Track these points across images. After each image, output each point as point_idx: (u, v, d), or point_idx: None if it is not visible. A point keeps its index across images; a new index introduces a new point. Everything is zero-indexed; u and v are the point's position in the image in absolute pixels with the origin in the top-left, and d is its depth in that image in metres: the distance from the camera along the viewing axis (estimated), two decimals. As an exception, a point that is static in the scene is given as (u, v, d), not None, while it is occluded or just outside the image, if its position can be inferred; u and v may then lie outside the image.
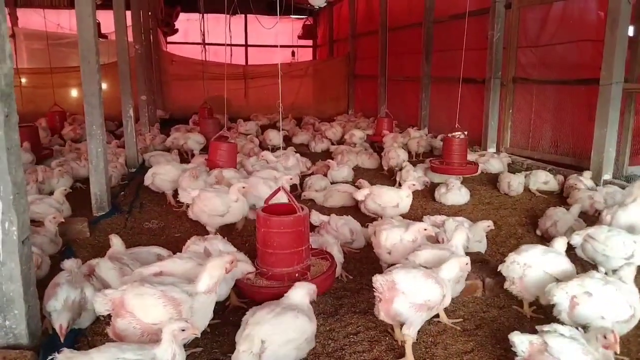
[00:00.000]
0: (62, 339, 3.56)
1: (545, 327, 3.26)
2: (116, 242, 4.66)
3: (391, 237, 4.70)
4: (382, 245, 4.73)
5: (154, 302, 3.26)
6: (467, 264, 3.88)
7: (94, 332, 3.91)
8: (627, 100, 8.04)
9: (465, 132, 8.95)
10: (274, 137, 11.86)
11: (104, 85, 16.60)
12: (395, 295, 3.53)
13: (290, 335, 3.19)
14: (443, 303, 3.67)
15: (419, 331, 3.95)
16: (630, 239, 4.61)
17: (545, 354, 3.04)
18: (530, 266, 4.11)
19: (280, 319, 3.22)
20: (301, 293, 3.48)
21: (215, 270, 3.43)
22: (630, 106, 8.13)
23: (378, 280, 3.58)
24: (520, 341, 3.14)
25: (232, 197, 5.74)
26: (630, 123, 8.20)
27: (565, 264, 4.17)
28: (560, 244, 4.44)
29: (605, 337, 3.08)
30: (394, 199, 6.35)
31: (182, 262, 3.73)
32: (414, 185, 6.48)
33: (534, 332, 3.22)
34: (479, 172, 8.84)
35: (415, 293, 3.53)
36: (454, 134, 8.95)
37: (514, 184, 8.01)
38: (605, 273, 4.56)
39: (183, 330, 2.99)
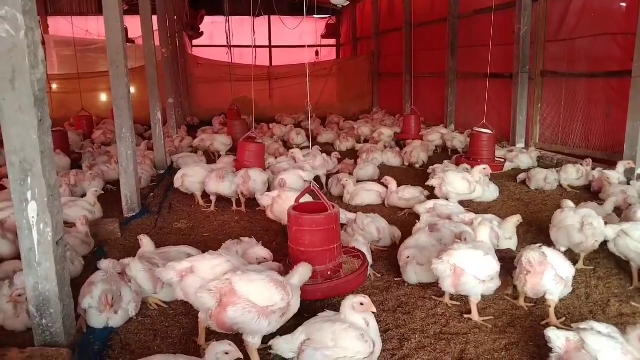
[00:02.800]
0: (108, 308, 3.84)
1: (582, 325, 3.18)
2: (146, 242, 4.74)
3: None
4: None
5: (266, 285, 3.47)
6: None
7: (127, 331, 3.97)
8: (661, 92, 7.79)
9: (491, 129, 8.82)
10: (296, 137, 11.90)
11: (132, 90, 17.00)
12: (546, 269, 3.90)
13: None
14: None
15: (450, 330, 3.94)
16: None
17: (582, 352, 2.97)
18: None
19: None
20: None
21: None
22: (665, 98, 7.87)
23: (529, 254, 3.96)
24: (557, 337, 3.07)
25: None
26: (664, 115, 7.95)
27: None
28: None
29: None
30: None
31: (212, 257, 3.77)
32: (485, 169, 6.79)
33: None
34: (506, 169, 8.72)
35: (563, 267, 3.96)
36: (479, 129, 8.84)
37: (551, 179, 7.89)
38: None
39: (227, 353, 3.01)
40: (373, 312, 3.39)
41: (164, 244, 5.27)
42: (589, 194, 7.62)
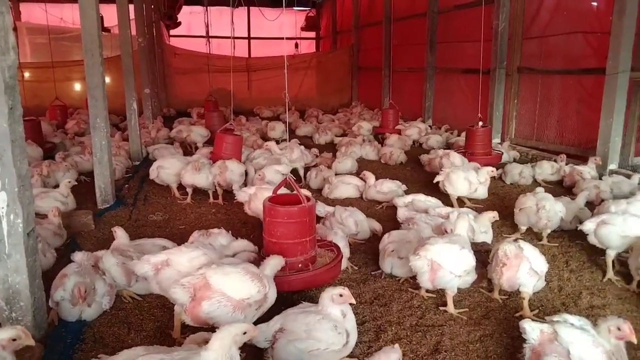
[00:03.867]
0: (81, 301, 3.77)
1: (555, 317, 3.25)
2: (120, 234, 4.66)
3: None
4: None
5: (242, 278, 3.46)
6: None
7: (100, 324, 3.91)
8: (634, 90, 7.96)
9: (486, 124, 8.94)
10: (276, 129, 11.84)
11: (107, 79, 16.65)
12: (521, 262, 3.97)
13: None
14: None
15: (426, 322, 3.97)
16: None
17: (555, 343, 3.03)
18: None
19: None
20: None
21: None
22: (637, 95, 8.04)
23: (505, 247, 4.02)
24: (532, 329, 3.13)
25: None
26: (636, 112, 8.12)
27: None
28: None
29: (619, 329, 3.04)
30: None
31: (189, 250, 3.73)
32: (492, 171, 6.81)
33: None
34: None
35: (538, 261, 4.04)
36: (476, 125, 8.94)
37: (526, 173, 8.07)
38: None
39: (245, 333, 2.85)
40: (352, 304, 3.40)
41: (139, 237, 5.19)
42: (563, 189, 7.76)
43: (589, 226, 4.84)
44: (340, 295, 3.34)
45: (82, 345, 3.62)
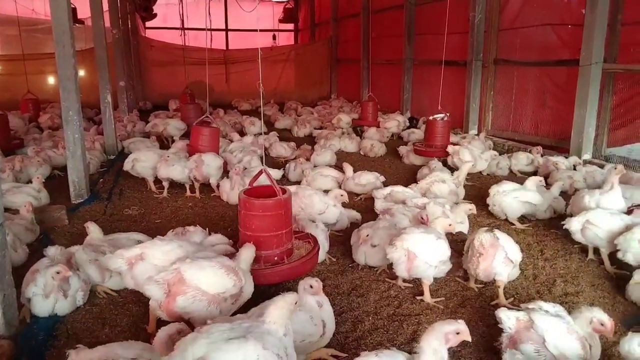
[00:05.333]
0: (59, 281, 3.74)
1: (530, 305, 3.31)
2: (93, 229, 4.58)
3: None
4: None
5: (217, 272, 3.43)
6: None
7: (74, 320, 3.84)
8: (606, 81, 8.09)
9: (447, 114, 8.97)
10: (256, 124, 11.72)
11: (82, 72, 16.37)
12: (497, 251, 4.02)
13: None
14: None
15: (403, 311, 3.99)
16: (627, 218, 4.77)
17: (531, 331, 3.08)
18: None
19: None
20: None
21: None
22: (609, 87, 8.18)
23: (482, 236, 4.05)
24: (507, 317, 3.17)
25: None
26: (609, 104, 8.27)
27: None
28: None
29: (602, 324, 3.06)
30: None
31: (163, 243, 3.67)
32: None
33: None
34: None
35: (513, 250, 4.10)
36: (435, 116, 8.98)
37: (502, 164, 8.19)
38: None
39: (179, 333, 2.95)
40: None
41: (114, 231, 5.10)
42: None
43: (575, 227, 4.87)
44: (311, 286, 3.33)
45: (55, 342, 3.56)
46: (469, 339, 2.71)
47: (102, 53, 9.53)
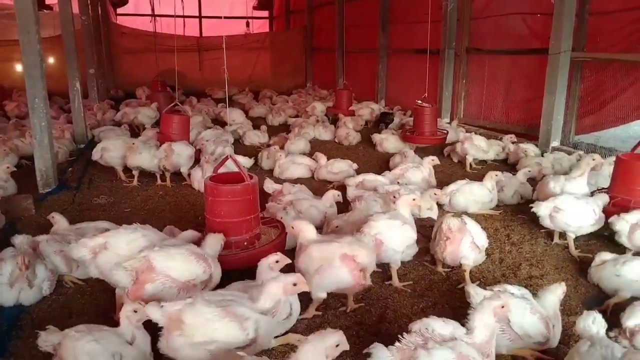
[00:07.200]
0: (24, 268, 3.72)
1: (496, 288, 3.40)
2: (59, 219, 4.52)
3: None
4: None
5: (186, 259, 3.45)
6: None
7: (39, 310, 3.79)
8: (574, 70, 8.24)
9: (430, 105, 9.05)
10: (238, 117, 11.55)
11: (51, 60, 15.99)
12: (464, 235, 4.08)
13: None
14: None
15: (371, 295, 4.04)
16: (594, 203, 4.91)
17: None
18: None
19: None
20: None
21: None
22: (577, 75, 8.33)
23: (449, 221, 4.11)
24: (476, 293, 3.27)
25: None
26: (577, 92, 8.43)
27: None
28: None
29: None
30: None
31: (128, 232, 3.63)
32: (433, 160, 6.83)
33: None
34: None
35: (479, 236, 4.19)
36: (421, 102, 9.02)
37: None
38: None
39: (135, 311, 2.99)
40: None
41: (83, 221, 5.00)
42: (507, 166, 8.00)
43: (543, 212, 4.95)
44: (277, 262, 3.40)
45: (19, 332, 3.51)
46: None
47: (70, 40, 9.31)
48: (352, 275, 3.58)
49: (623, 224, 4.60)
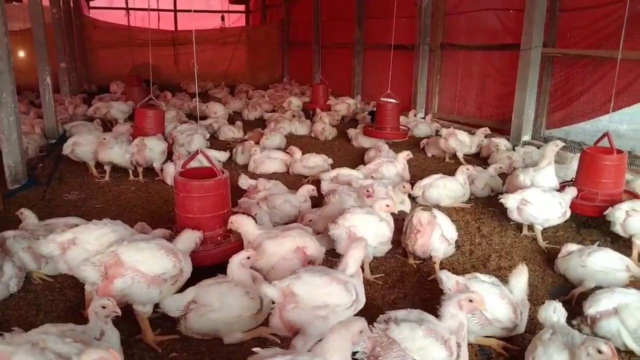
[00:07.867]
0: None
1: (467, 276, 3.49)
2: (28, 214, 4.46)
3: None
4: None
5: (156, 253, 3.40)
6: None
7: (6, 307, 3.73)
8: (545, 65, 8.39)
9: (397, 99, 9.10)
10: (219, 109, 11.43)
11: (21, 53, 15.63)
12: (434, 228, 4.15)
13: None
14: None
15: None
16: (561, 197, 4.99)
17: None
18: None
19: None
20: None
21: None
22: (548, 70, 8.48)
23: (419, 214, 4.18)
24: (448, 278, 3.34)
25: None
26: (548, 87, 8.58)
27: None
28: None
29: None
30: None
31: (97, 227, 3.60)
32: (408, 155, 6.88)
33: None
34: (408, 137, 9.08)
35: (449, 229, 4.26)
36: (386, 98, 9.08)
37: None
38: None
39: (104, 307, 2.96)
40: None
41: (53, 217, 4.92)
42: (479, 159, 8.13)
43: (511, 204, 5.01)
44: (248, 258, 3.43)
45: (-14, 330, 3.44)
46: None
47: (39, 33, 9.09)
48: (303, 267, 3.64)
49: (620, 213, 4.69)
